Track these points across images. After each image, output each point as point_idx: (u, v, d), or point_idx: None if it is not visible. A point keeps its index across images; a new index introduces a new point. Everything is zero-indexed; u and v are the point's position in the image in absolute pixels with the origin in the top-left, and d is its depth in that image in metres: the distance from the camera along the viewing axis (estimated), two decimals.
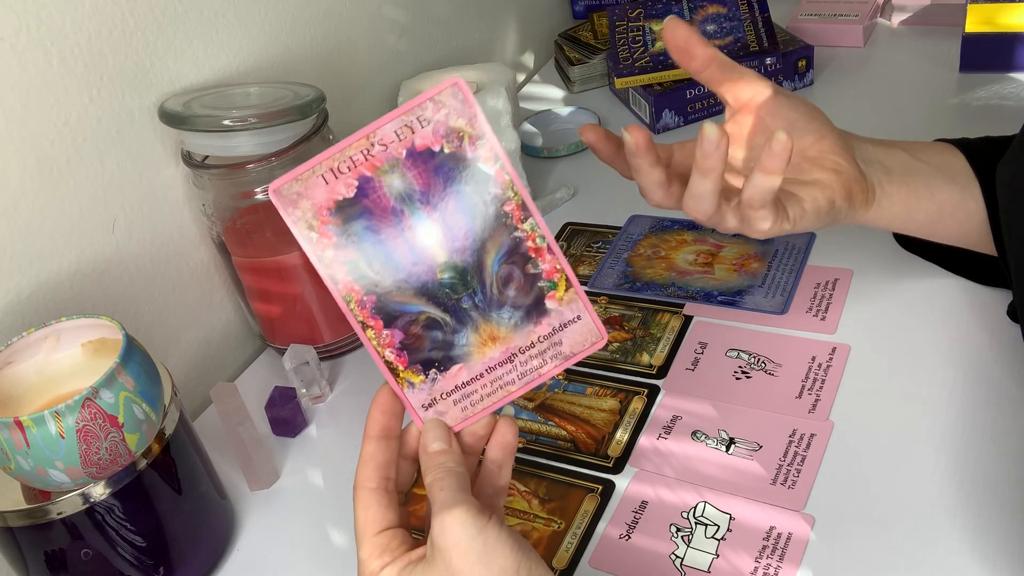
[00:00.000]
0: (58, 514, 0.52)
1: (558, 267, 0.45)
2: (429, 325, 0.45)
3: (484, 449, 0.47)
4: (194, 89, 0.73)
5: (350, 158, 0.43)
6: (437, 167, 0.44)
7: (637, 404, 0.66)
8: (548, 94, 1.15)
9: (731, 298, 0.73)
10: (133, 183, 0.70)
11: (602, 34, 1.16)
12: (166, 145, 0.72)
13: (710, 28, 1.02)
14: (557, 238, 0.86)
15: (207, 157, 0.71)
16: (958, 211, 0.61)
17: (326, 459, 0.69)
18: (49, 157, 0.64)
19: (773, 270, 0.75)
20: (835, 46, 1.07)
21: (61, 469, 0.50)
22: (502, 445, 0.47)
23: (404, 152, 0.43)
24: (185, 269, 0.76)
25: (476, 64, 0.93)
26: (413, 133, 0.43)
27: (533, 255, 0.45)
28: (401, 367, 0.45)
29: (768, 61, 0.98)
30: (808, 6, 1.12)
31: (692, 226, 0.82)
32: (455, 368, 0.45)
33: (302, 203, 0.43)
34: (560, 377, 0.70)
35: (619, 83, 1.01)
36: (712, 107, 1.00)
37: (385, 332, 0.44)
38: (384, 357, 0.45)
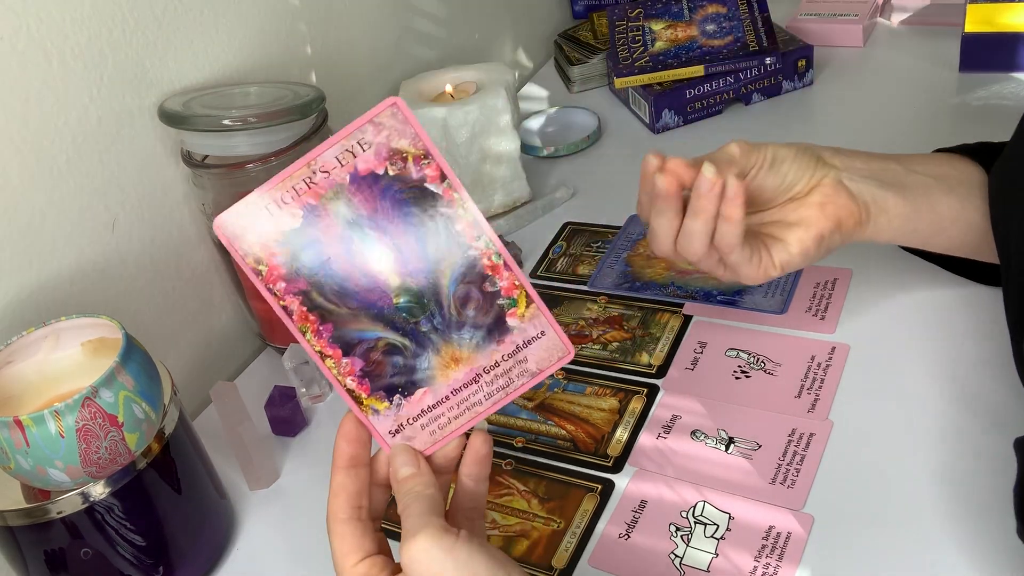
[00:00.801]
0: (58, 513, 0.52)
1: (517, 283, 0.44)
2: (389, 351, 0.44)
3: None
4: (194, 89, 0.73)
5: (292, 187, 0.42)
6: (383, 190, 0.42)
7: (636, 403, 0.66)
8: (548, 94, 1.15)
9: (730, 298, 0.73)
10: (133, 183, 0.70)
11: (602, 34, 1.16)
12: (166, 145, 0.72)
13: (710, 28, 1.02)
14: (557, 238, 0.86)
15: (207, 157, 0.71)
16: (959, 221, 0.61)
17: (326, 459, 0.68)
18: (49, 157, 0.64)
19: None
20: (835, 46, 1.07)
21: (61, 468, 0.51)
22: (476, 459, 0.46)
23: (347, 177, 0.42)
24: (185, 269, 0.76)
25: (476, 64, 0.93)
26: (355, 157, 0.42)
27: (490, 272, 0.44)
28: (364, 395, 0.44)
29: (768, 61, 0.98)
30: (808, 6, 1.12)
31: None
32: (419, 392, 0.44)
33: (249, 236, 0.42)
34: (560, 376, 0.70)
35: (619, 83, 1.01)
36: (712, 107, 1.00)
37: (345, 360, 0.44)
38: (346, 386, 0.44)
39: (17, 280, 0.62)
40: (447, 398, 0.45)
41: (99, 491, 0.53)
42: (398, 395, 0.44)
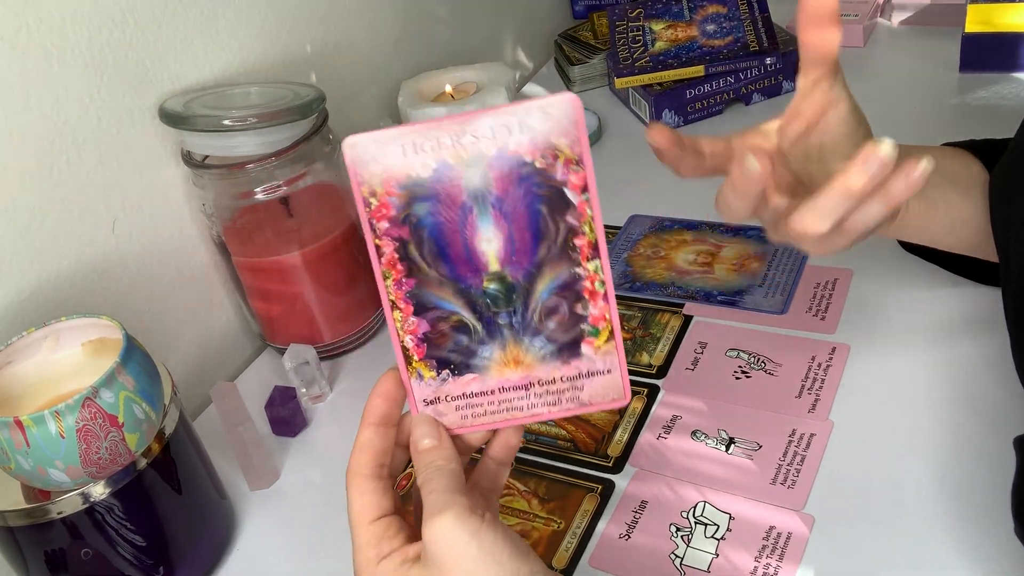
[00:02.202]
0: (58, 514, 0.52)
1: (607, 317, 0.43)
2: (458, 327, 0.43)
3: (482, 449, 0.47)
4: (194, 89, 0.73)
5: (437, 138, 0.41)
6: (521, 177, 0.41)
7: (637, 404, 0.66)
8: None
9: (731, 298, 0.73)
10: (133, 183, 0.70)
11: (602, 34, 1.16)
12: (166, 145, 0.72)
13: (710, 28, 1.02)
14: None
15: (207, 157, 0.71)
16: (969, 224, 0.60)
17: (326, 459, 0.69)
18: (49, 157, 0.64)
19: (773, 270, 0.75)
20: None
21: (61, 469, 0.51)
22: (505, 446, 0.46)
23: (494, 151, 0.41)
24: (185, 269, 0.76)
25: (476, 64, 0.93)
26: (510, 135, 0.40)
27: (587, 296, 0.43)
28: (416, 357, 0.43)
29: (768, 61, 0.98)
30: None
31: (692, 226, 0.82)
32: (468, 376, 0.44)
33: (373, 166, 0.41)
34: None
35: (619, 83, 1.01)
36: (712, 107, 1.00)
37: (412, 319, 0.43)
38: (403, 342, 0.43)
39: (17, 280, 0.62)
40: (492, 392, 0.44)
41: (99, 491, 0.53)
42: (448, 371, 0.44)
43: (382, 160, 0.41)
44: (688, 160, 0.54)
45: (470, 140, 0.41)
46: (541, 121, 0.40)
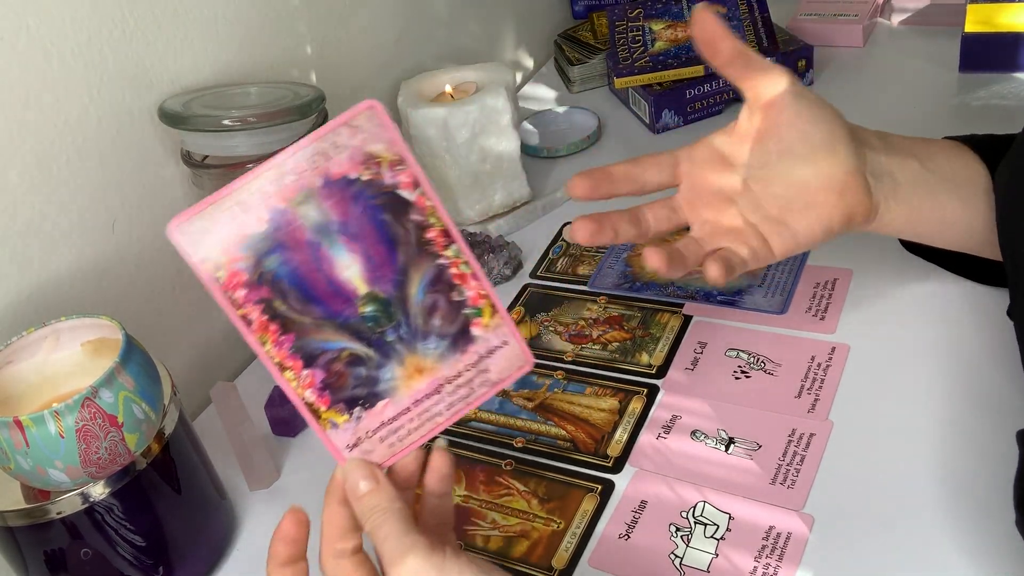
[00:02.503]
0: (57, 514, 0.52)
1: (483, 293, 0.43)
2: (352, 362, 0.42)
3: (421, 482, 0.46)
4: (194, 89, 0.73)
5: (260, 190, 0.40)
6: (355, 195, 0.41)
7: (636, 404, 0.66)
8: (548, 94, 1.15)
9: (730, 298, 0.73)
10: (133, 183, 0.70)
11: (602, 34, 1.16)
12: (166, 145, 0.72)
13: None
14: (557, 238, 0.86)
15: (207, 157, 0.71)
16: (959, 224, 0.60)
17: (326, 459, 0.68)
18: (49, 157, 0.64)
19: (772, 270, 0.75)
20: (835, 46, 1.07)
21: (61, 469, 0.51)
22: (439, 477, 0.45)
23: (320, 181, 0.40)
24: (185, 269, 0.75)
25: (476, 64, 0.93)
26: (328, 160, 0.40)
27: (457, 282, 0.43)
28: (323, 407, 0.42)
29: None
30: (808, 6, 1.12)
31: None
32: (381, 404, 0.43)
33: (207, 240, 0.40)
34: (560, 377, 0.70)
35: (619, 83, 1.01)
36: (712, 107, 1.00)
37: (305, 372, 0.42)
38: (304, 399, 0.42)
39: (17, 280, 0.62)
40: (408, 409, 0.44)
41: (99, 491, 0.53)
42: (359, 407, 0.43)
43: (215, 231, 0.40)
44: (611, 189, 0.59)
45: (292, 179, 0.40)
46: (351, 136, 0.41)
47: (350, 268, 0.41)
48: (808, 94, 0.56)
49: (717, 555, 0.55)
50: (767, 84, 0.55)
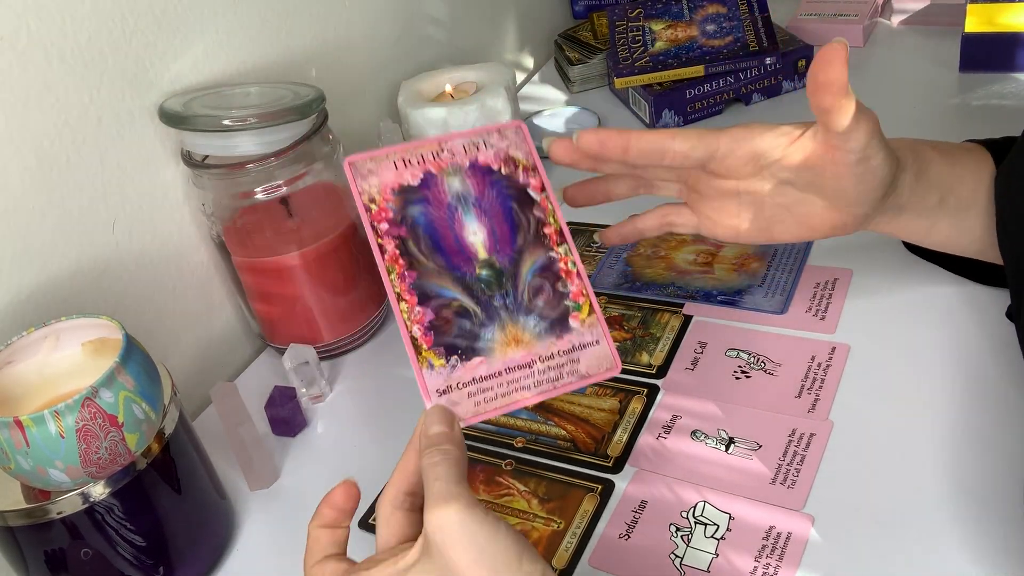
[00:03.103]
0: (58, 514, 0.52)
1: (584, 292, 0.49)
2: (460, 312, 0.47)
3: None
4: (194, 89, 0.73)
5: (421, 154, 0.49)
6: (493, 182, 0.50)
7: (637, 404, 0.66)
8: (548, 94, 1.15)
9: (731, 298, 0.73)
10: (133, 183, 0.70)
11: (602, 34, 1.16)
12: (166, 145, 0.72)
13: (710, 28, 1.02)
14: None
15: (207, 157, 0.71)
16: (948, 244, 0.62)
17: (326, 459, 0.69)
18: (49, 157, 0.64)
19: (773, 270, 0.75)
20: None
21: (61, 469, 0.51)
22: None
23: (468, 163, 0.50)
24: (185, 269, 0.76)
25: (476, 64, 0.93)
26: (478, 150, 0.50)
27: (564, 276, 0.49)
28: (425, 346, 0.46)
29: (768, 61, 0.98)
30: (808, 6, 1.12)
31: None
32: (476, 360, 0.47)
33: (371, 179, 0.48)
34: None
35: (619, 83, 1.01)
36: (712, 107, 1.00)
37: (417, 309, 0.47)
38: (411, 332, 0.46)
39: (17, 280, 0.62)
40: (500, 373, 0.47)
41: (99, 491, 0.53)
42: (456, 356, 0.47)
43: (378, 173, 0.48)
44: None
45: (448, 155, 0.50)
46: (499, 140, 0.51)
47: (476, 235, 0.49)
48: (875, 157, 0.54)
49: (717, 555, 0.55)
50: (843, 136, 0.53)
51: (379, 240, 0.47)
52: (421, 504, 0.44)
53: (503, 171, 0.50)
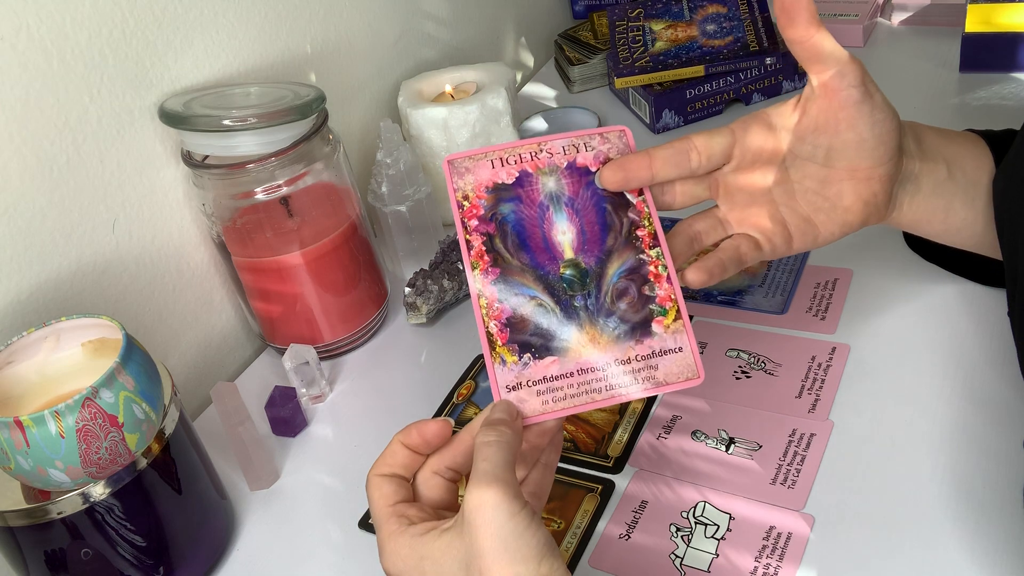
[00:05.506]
0: (58, 514, 0.52)
1: (673, 297, 0.49)
2: (538, 311, 0.47)
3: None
4: (194, 89, 0.73)
5: (519, 154, 0.50)
6: (589, 183, 0.50)
7: (637, 404, 0.66)
8: (548, 94, 1.15)
9: (731, 298, 0.73)
10: (133, 183, 0.70)
11: (602, 34, 1.16)
12: (166, 145, 0.72)
13: (710, 28, 1.02)
14: None
15: (207, 157, 0.71)
16: (964, 230, 0.60)
17: (326, 459, 0.69)
18: (49, 157, 0.64)
19: (773, 270, 0.75)
20: None
21: (61, 469, 0.51)
22: (555, 444, 0.48)
23: (565, 164, 0.50)
24: (185, 269, 0.76)
25: (476, 64, 0.93)
26: (577, 152, 0.50)
27: (652, 279, 0.49)
28: (500, 342, 0.46)
29: (768, 61, 0.98)
30: None
31: None
32: (549, 359, 0.47)
33: (467, 176, 0.49)
34: None
35: (619, 83, 1.01)
36: (712, 107, 1.00)
37: (497, 305, 0.47)
38: (487, 328, 0.46)
39: (17, 280, 0.62)
40: (572, 374, 0.47)
41: (99, 491, 0.53)
42: (529, 354, 0.47)
43: (474, 172, 0.49)
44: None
45: (546, 155, 0.50)
46: (601, 143, 0.51)
47: (565, 234, 0.49)
48: (876, 94, 0.54)
49: (717, 555, 0.55)
50: (837, 74, 0.53)
51: (467, 236, 0.48)
52: (457, 479, 0.46)
53: None
